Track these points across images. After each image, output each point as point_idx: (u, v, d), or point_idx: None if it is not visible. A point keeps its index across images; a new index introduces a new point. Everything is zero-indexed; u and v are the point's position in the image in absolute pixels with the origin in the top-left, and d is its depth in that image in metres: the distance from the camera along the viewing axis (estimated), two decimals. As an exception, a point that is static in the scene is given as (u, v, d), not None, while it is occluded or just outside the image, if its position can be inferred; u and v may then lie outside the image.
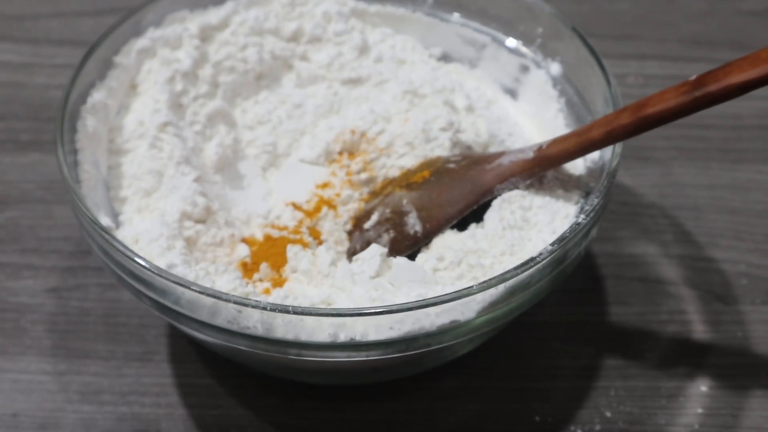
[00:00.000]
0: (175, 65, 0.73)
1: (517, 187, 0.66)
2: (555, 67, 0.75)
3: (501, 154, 0.67)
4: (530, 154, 0.65)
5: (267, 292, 0.64)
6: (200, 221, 0.67)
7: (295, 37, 0.77)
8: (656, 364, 0.72)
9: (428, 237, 0.67)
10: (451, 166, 0.69)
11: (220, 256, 0.66)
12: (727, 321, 0.74)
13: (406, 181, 0.69)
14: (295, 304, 0.61)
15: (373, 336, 0.59)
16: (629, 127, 0.61)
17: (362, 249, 0.65)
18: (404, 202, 0.68)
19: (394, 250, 0.67)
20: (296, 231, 0.68)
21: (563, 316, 0.74)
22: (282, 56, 0.76)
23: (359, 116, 0.73)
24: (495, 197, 0.67)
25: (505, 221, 0.65)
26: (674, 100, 0.59)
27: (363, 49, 0.77)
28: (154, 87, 0.72)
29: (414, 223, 0.67)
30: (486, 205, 0.67)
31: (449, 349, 0.65)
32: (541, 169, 0.65)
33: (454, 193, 0.67)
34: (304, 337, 0.59)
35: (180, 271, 0.62)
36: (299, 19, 0.77)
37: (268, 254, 0.67)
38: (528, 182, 0.66)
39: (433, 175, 0.69)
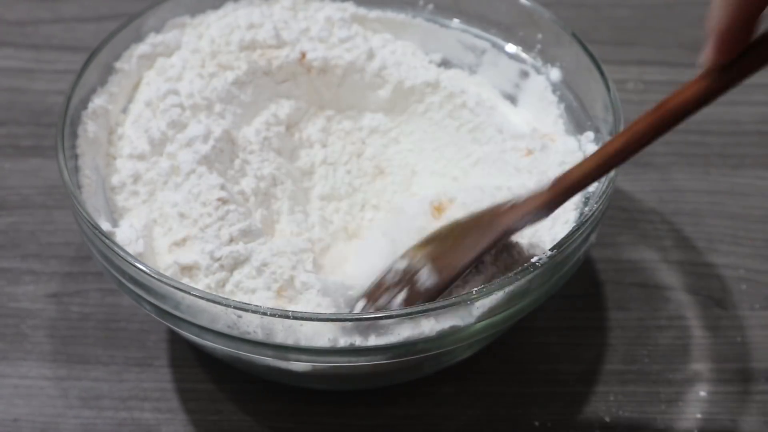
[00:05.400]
0: (170, 72, 0.73)
1: (532, 224, 0.62)
2: (555, 73, 0.75)
3: (516, 197, 0.63)
4: (546, 187, 0.61)
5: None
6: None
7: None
8: (655, 369, 0.72)
9: (446, 286, 0.63)
10: (466, 218, 0.65)
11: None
12: (726, 326, 0.74)
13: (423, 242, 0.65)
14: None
15: (373, 341, 0.59)
16: (647, 128, 0.56)
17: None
18: (417, 258, 0.63)
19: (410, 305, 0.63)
20: None
21: (562, 322, 0.74)
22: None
23: None
24: (513, 233, 0.63)
25: None
26: (693, 90, 0.55)
27: (370, 55, 0.77)
28: (147, 105, 0.72)
29: (427, 277, 0.63)
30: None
31: (449, 355, 0.65)
32: (559, 201, 0.61)
33: (468, 240, 0.63)
34: (303, 342, 0.59)
35: (180, 276, 0.62)
36: (304, 22, 0.78)
37: None
38: (546, 217, 0.62)
39: (447, 229, 0.65)
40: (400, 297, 0.62)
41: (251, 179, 0.70)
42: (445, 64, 0.79)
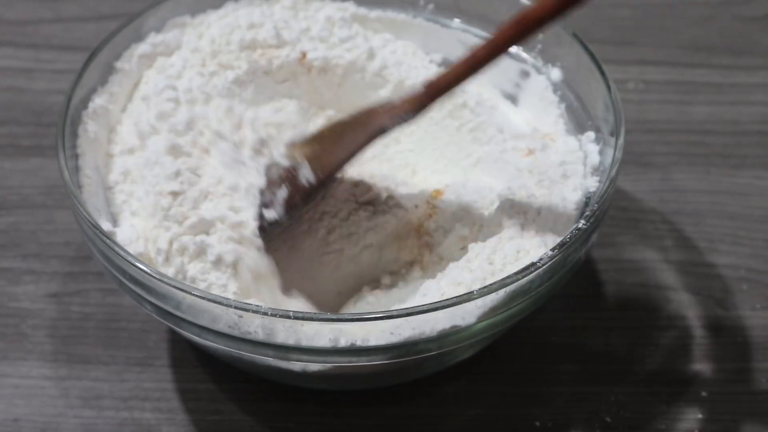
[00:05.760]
0: (169, 70, 0.73)
1: (406, 121, 0.66)
2: (555, 73, 0.75)
3: (391, 100, 0.68)
4: (419, 90, 0.66)
5: None
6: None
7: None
8: (656, 369, 0.72)
9: (322, 185, 0.68)
10: (344, 119, 0.69)
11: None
12: (727, 326, 0.74)
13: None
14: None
15: (374, 341, 0.59)
16: (508, 38, 0.62)
17: (261, 212, 0.66)
18: (297, 156, 0.68)
19: (290, 203, 0.67)
20: None
21: (563, 321, 0.74)
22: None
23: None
24: (386, 133, 0.67)
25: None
26: (549, 2, 0.60)
27: (370, 55, 0.77)
28: (143, 100, 0.72)
29: (306, 174, 0.67)
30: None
31: (450, 354, 0.65)
32: (431, 100, 0.65)
33: (345, 138, 0.67)
34: (304, 342, 0.59)
35: (181, 276, 0.62)
36: (305, 21, 0.78)
37: None
38: (414, 118, 0.66)
39: (327, 129, 0.69)
40: (282, 193, 0.66)
41: None
42: (445, 63, 0.79)
